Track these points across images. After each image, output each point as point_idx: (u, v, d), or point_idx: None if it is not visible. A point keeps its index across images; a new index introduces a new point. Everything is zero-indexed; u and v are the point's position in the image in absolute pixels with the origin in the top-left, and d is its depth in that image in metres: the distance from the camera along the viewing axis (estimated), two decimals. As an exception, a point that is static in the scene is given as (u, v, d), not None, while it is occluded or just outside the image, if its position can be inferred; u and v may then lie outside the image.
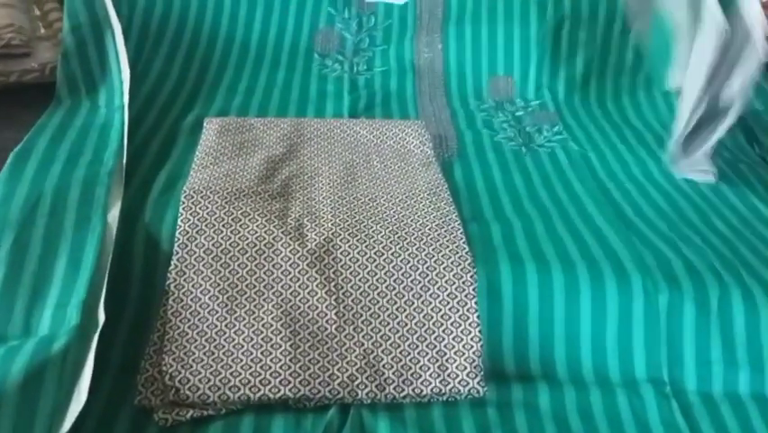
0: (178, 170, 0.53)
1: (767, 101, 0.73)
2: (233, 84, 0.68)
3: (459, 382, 0.42)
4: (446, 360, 0.43)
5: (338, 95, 0.69)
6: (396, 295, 0.45)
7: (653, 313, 0.46)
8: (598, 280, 0.47)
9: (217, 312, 0.43)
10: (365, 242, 0.47)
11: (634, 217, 0.55)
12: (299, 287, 0.45)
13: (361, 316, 0.44)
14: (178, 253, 0.45)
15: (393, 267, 0.46)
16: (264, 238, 0.46)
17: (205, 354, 0.41)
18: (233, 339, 0.42)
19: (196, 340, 0.42)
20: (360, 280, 0.45)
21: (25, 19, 0.62)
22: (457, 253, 0.47)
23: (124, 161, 0.52)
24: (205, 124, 0.58)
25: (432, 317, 0.44)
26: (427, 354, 0.43)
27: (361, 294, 0.45)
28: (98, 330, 0.40)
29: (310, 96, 0.68)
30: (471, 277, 0.46)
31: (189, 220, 0.47)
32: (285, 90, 0.68)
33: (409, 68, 0.73)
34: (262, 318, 0.43)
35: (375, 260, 0.46)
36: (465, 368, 0.43)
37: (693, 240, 0.52)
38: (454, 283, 0.45)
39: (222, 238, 0.46)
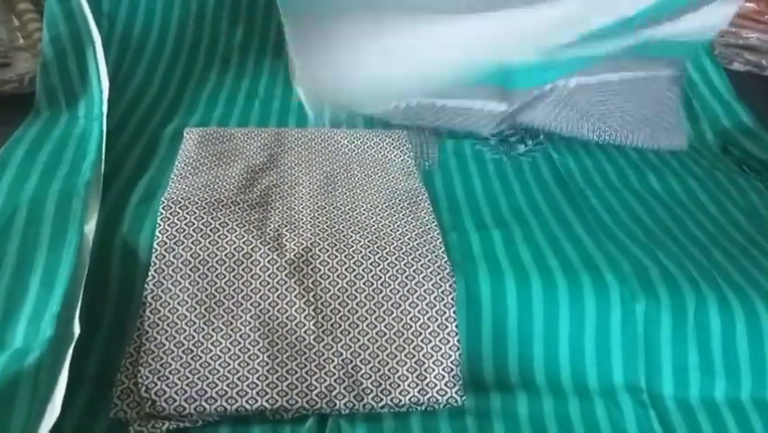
0: (157, 181, 0.53)
1: (745, 107, 0.74)
2: (214, 94, 0.67)
3: (437, 392, 0.42)
4: (425, 369, 0.43)
5: (320, 105, 0.69)
6: (375, 304, 0.45)
7: (631, 321, 0.47)
8: (577, 288, 0.47)
9: (195, 323, 0.43)
10: (344, 251, 0.47)
11: (612, 225, 0.55)
12: (277, 297, 0.44)
13: (340, 326, 0.44)
14: (155, 263, 0.45)
15: (372, 277, 0.46)
16: (242, 248, 0.46)
17: (181, 365, 0.41)
18: (211, 350, 0.42)
19: (172, 351, 0.41)
20: (338, 290, 0.45)
21: (3, 30, 0.62)
22: (436, 262, 0.47)
23: (102, 171, 0.51)
24: (185, 135, 0.58)
25: (411, 327, 0.44)
26: (406, 363, 0.43)
27: (339, 304, 0.45)
28: (73, 342, 0.39)
29: (291, 106, 0.68)
30: (450, 286, 0.46)
31: (167, 231, 0.47)
32: (266, 100, 0.68)
33: None
34: (240, 329, 0.43)
35: (354, 270, 0.46)
36: (443, 377, 0.43)
37: (670, 247, 0.53)
38: (433, 293, 0.45)
39: (200, 249, 0.46)
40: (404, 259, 0.47)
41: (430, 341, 0.44)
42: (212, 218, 0.48)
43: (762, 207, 0.62)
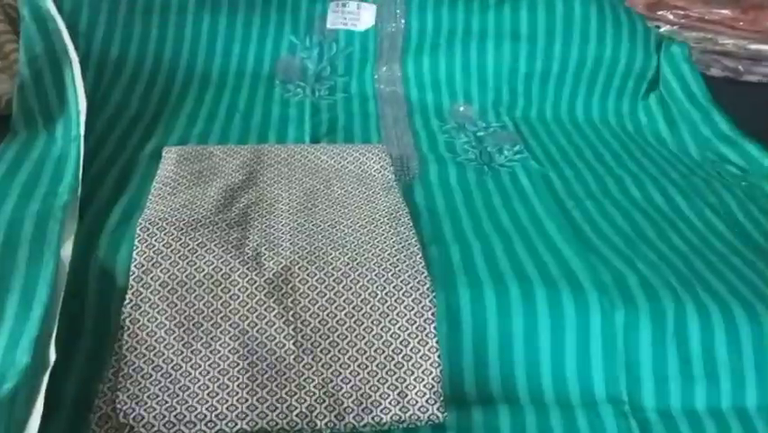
0: (135, 202, 0.53)
1: (723, 114, 0.75)
2: (193, 112, 0.67)
3: (419, 409, 0.42)
4: (406, 387, 0.43)
5: (300, 119, 0.69)
6: (355, 322, 0.45)
7: (611, 331, 0.47)
8: (556, 299, 0.47)
9: (173, 346, 0.42)
10: (323, 269, 0.47)
11: (591, 235, 0.56)
12: (257, 318, 0.44)
13: (320, 344, 0.44)
14: (133, 286, 0.45)
15: (352, 294, 0.46)
16: (221, 269, 0.46)
17: (160, 389, 0.41)
18: (189, 373, 0.41)
19: (151, 375, 0.41)
20: (318, 309, 0.45)
21: (-20, 52, 0.62)
22: (416, 278, 0.47)
23: (79, 193, 0.51)
24: (163, 154, 0.58)
25: (391, 344, 0.44)
26: (387, 381, 0.43)
27: (319, 322, 0.45)
28: (49, 369, 0.39)
29: (272, 121, 0.68)
30: (430, 302, 0.46)
31: (145, 253, 0.46)
32: (246, 116, 0.68)
33: (371, 94, 0.74)
34: (219, 351, 0.42)
35: (334, 287, 0.46)
36: (425, 394, 0.43)
37: (649, 256, 0.53)
38: (413, 309, 0.45)
39: (178, 270, 0.46)
40: (383, 275, 0.47)
41: (410, 357, 0.44)
42: (190, 239, 0.47)
43: (740, 214, 0.62)
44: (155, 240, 0.47)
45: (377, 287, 0.46)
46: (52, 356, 0.39)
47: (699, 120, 0.73)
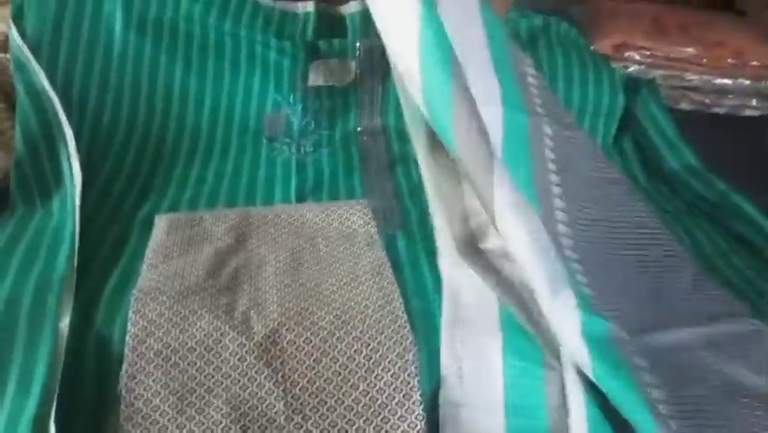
0: (130, 271, 0.55)
1: (692, 149, 0.78)
2: (183, 175, 0.70)
3: (405, 462, 0.44)
4: (392, 441, 0.45)
5: (286, 178, 0.72)
6: (341, 380, 0.47)
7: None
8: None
9: (168, 413, 0.44)
10: (310, 329, 0.49)
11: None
12: (248, 381, 0.46)
13: (309, 403, 0.46)
14: (128, 356, 0.47)
15: (338, 352, 0.48)
16: (212, 335, 0.48)
17: (157, 457, 0.43)
18: (184, 439, 0.43)
19: (148, 444, 0.43)
20: (306, 369, 0.47)
21: (-23, 130, 0.65)
22: (398, 332, 0.49)
23: (75, 265, 0.54)
24: (155, 222, 0.60)
25: (377, 400, 0.46)
26: (374, 436, 0.45)
27: (308, 382, 0.47)
28: None
29: (258, 181, 0.71)
30: (413, 356, 0.48)
31: (139, 323, 0.49)
32: (234, 177, 0.71)
33: (354, 147, 0.77)
34: (212, 416, 0.44)
35: (320, 347, 0.48)
36: (410, 448, 0.45)
37: None
38: (397, 363, 0.48)
39: (171, 339, 0.48)
40: (368, 332, 0.49)
41: (396, 412, 0.46)
42: (182, 307, 0.50)
43: (709, 247, 0.65)
44: (149, 310, 0.49)
45: (361, 344, 0.48)
46: (52, 431, 0.41)
47: (669, 155, 0.77)
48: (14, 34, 0.70)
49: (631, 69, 0.94)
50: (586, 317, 0.47)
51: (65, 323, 0.49)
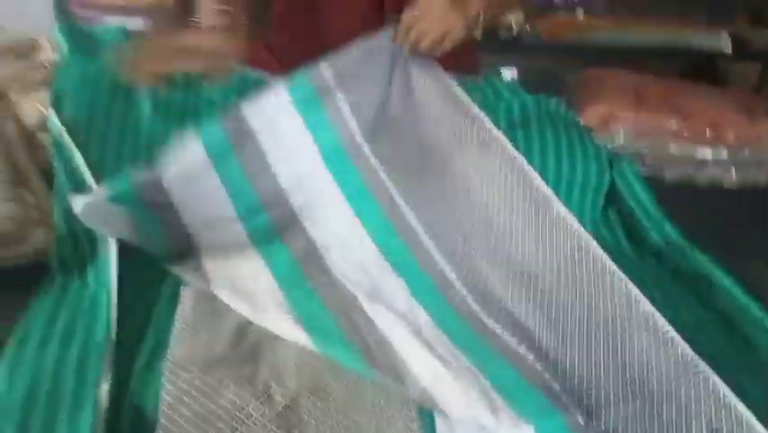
0: (159, 341, 0.61)
1: (679, 219, 0.84)
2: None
3: None
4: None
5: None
6: (354, 446, 0.52)
7: None
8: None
9: (198, 478, 0.50)
10: (325, 400, 0.55)
11: None
12: (270, 447, 0.52)
13: (325, 468, 0.51)
14: (162, 424, 0.52)
15: (351, 422, 0.53)
16: (237, 403, 0.54)
17: None
18: (213, 502, 0.48)
19: (180, 506, 0.48)
20: (322, 436, 0.53)
21: (19, 206, 0.71)
22: (406, 404, 0.55)
23: (113, 336, 0.59)
24: (181, 293, 0.66)
25: (386, 464, 0.52)
26: (383, 499, 0.50)
27: (323, 448, 0.52)
28: None
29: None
30: (418, 427, 0.53)
31: (172, 392, 0.54)
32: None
33: None
34: (238, 480, 0.50)
35: (335, 416, 0.54)
36: None
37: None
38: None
39: (200, 406, 0.53)
40: (378, 403, 0.55)
41: (403, 476, 0.51)
42: (210, 377, 0.55)
43: (689, 319, 0.70)
44: (180, 380, 0.55)
45: (372, 414, 0.54)
46: None
47: (651, 229, 0.83)
48: (54, 118, 0.78)
49: (618, 138, 1.01)
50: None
51: (104, 390, 0.54)
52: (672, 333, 0.62)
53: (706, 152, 1.00)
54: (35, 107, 0.80)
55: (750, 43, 1.58)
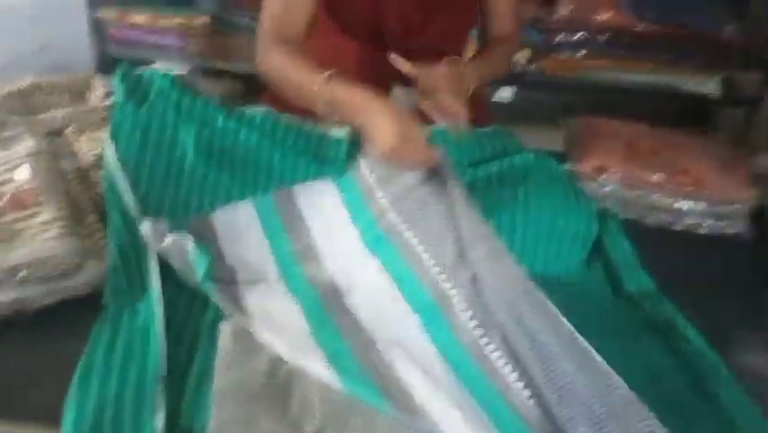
0: (203, 372, 0.70)
1: (656, 266, 0.93)
2: None
3: None
4: None
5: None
6: (369, 473, 0.63)
7: None
8: None
9: (242, 496, 0.60)
10: (345, 431, 0.65)
11: None
12: (300, 471, 0.62)
13: (346, 491, 0.62)
14: None
15: (368, 453, 0.64)
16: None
17: None
18: None
19: None
20: (343, 462, 0.63)
21: (77, 241, 0.80)
22: None
23: (164, 369, 0.69)
24: (221, 327, 0.76)
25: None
26: None
27: (345, 473, 0.62)
28: None
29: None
30: None
31: (218, 419, 0.64)
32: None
33: None
34: (275, 499, 0.60)
35: (354, 448, 0.64)
36: None
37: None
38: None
39: (242, 434, 0.64)
40: None
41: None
42: (249, 408, 0.65)
43: (656, 366, 0.80)
44: (224, 411, 0.65)
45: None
46: None
47: (628, 279, 0.92)
48: (109, 156, 0.87)
49: (608, 188, 1.12)
50: None
51: (160, 418, 0.64)
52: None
53: (685, 204, 1.10)
54: (91, 146, 0.89)
55: (740, 88, 1.69)
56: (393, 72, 1.05)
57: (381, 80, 1.02)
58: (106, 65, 1.68)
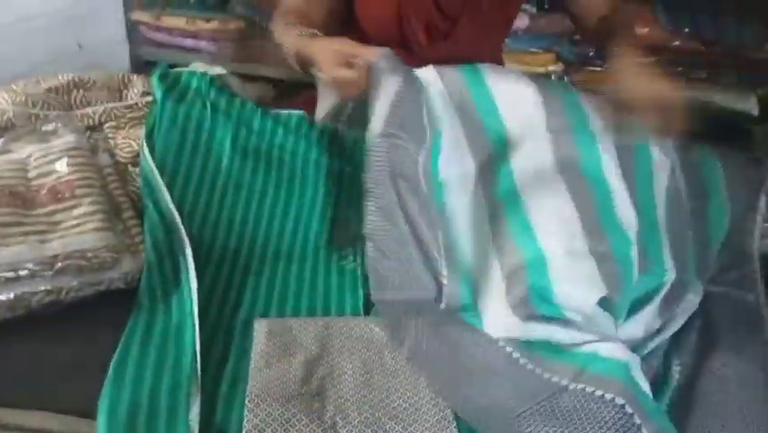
0: (238, 371, 0.69)
1: None
2: (271, 281, 0.84)
3: None
4: None
5: (353, 288, 0.86)
6: (407, 481, 0.61)
7: None
8: None
9: (276, 500, 0.58)
10: (382, 436, 0.63)
11: None
12: (337, 476, 0.60)
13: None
14: None
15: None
16: (309, 436, 0.63)
17: None
18: None
19: None
20: (380, 468, 0.61)
21: (112, 234, 0.80)
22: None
23: (198, 365, 0.68)
24: (255, 326, 0.75)
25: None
26: None
27: (381, 480, 0.61)
28: None
29: (332, 288, 0.85)
30: None
31: (252, 421, 0.63)
32: (312, 283, 0.85)
33: None
34: (310, 504, 0.58)
35: (391, 451, 0.62)
36: None
37: None
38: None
39: (278, 436, 0.62)
40: None
41: None
42: (285, 410, 0.64)
43: None
44: (260, 411, 0.64)
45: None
46: None
47: None
48: (147, 154, 0.87)
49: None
50: None
51: (195, 413, 0.63)
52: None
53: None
54: (128, 143, 0.90)
55: (776, 106, 1.65)
56: None
57: None
58: (140, 67, 1.69)
